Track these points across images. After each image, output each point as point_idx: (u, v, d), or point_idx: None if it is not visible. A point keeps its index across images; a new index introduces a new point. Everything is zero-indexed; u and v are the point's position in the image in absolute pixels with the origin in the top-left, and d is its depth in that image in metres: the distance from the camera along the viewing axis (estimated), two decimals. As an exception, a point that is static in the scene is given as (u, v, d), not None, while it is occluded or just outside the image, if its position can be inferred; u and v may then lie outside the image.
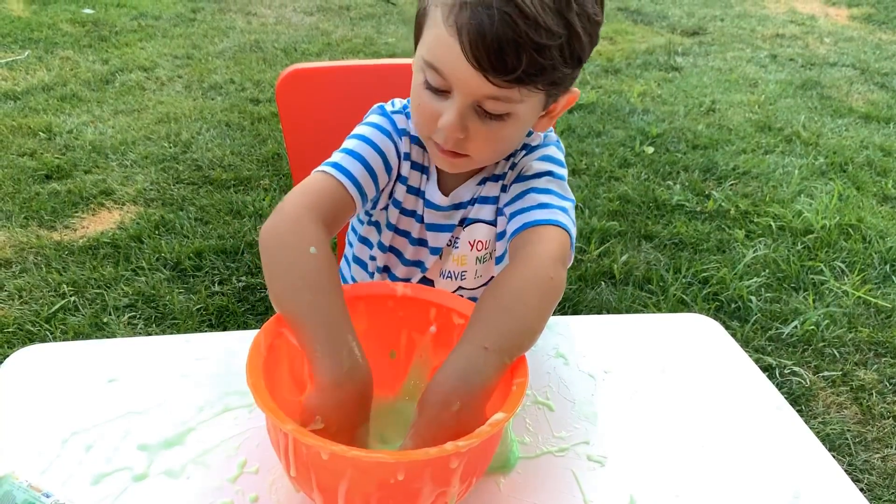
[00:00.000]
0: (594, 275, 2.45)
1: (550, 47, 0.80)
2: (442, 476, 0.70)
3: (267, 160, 3.08)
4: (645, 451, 0.91)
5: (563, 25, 0.80)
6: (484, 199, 1.05)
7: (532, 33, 0.78)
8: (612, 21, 5.44)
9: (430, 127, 0.90)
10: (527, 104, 0.87)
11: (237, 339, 1.01)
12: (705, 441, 0.93)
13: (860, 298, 2.42)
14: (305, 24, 5.04)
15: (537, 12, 0.78)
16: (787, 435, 0.96)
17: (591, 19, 0.83)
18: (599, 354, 1.08)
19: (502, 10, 0.77)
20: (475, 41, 0.79)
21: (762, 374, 1.08)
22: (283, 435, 0.70)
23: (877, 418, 1.99)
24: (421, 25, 0.88)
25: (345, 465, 0.69)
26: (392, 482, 0.68)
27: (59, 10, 4.90)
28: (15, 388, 0.94)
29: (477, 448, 0.70)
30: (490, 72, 0.80)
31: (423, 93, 0.89)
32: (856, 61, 4.81)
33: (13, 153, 3.03)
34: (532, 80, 0.82)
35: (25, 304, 2.19)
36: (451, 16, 0.81)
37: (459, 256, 1.09)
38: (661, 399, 1.00)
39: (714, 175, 3.17)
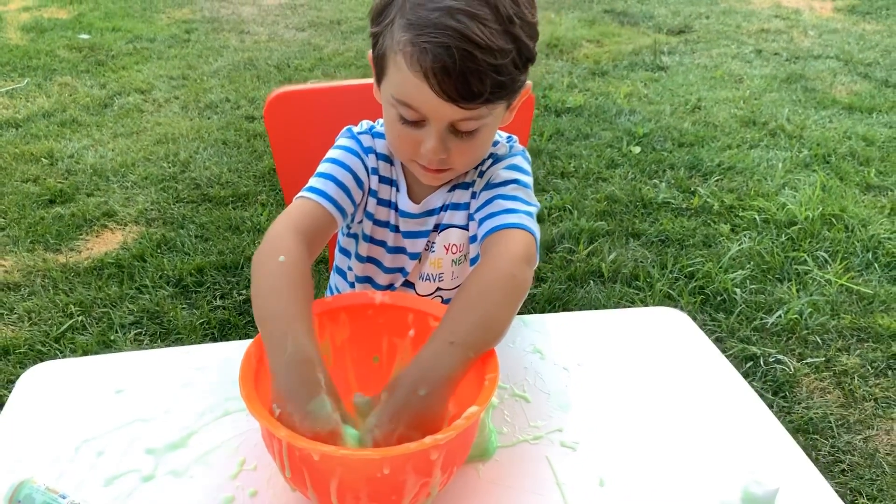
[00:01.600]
0: (583, 274, 2.53)
1: (505, 64, 0.89)
2: (424, 468, 0.77)
3: (263, 176, 3.16)
4: (614, 436, 0.99)
5: (511, 40, 0.89)
6: (455, 205, 1.13)
7: (489, 59, 0.87)
8: (599, 24, 5.52)
9: (412, 153, 1.00)
10: (493, 114, 0.97)
11: (233, 348, 1.09)
12: (670, 426, 1.00)
13: (843, 286, 2.49)
14: (298, 39, 5.13)
15: (488, 39, 0.86)
16: (749, 418, 1.03)
17: (530, 24, 0.93)
18: (573, 349, 1.16)
19: (459, 48, 0.86)
20: (442, 80, 0.88)
21: (727, 362, 1.15)
22: (276, 440, 0.77)
23: (859, 401, 2.06)
24: (382, 66, 0.96)
25: (334, 463, 0.76)
26: (378, 476, 0.75)
27: (56, 37, 5.00)
28: (30, 402, 1.02)
29: (455, 440, 0.78)
30: (460, 101, 0.90)
31: (399, 126, 0.98)
32: (840, 53, 4.88)
33: (17, 179, 3.12)
34: (497, 97, 0.92)
35: (35, 325, 2.27)
36: (414, 62, 0.89)
37: (436, 260, 1.17)
38: (630, 388, 1.07)
39: (700, 172, 3.25)
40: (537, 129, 3.64)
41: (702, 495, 0.89)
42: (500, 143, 1.14)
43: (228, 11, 5.81)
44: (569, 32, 5.26)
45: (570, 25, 5.47)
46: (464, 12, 0.86)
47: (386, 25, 0.93)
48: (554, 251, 2.67)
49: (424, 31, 0.87)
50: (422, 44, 0.87)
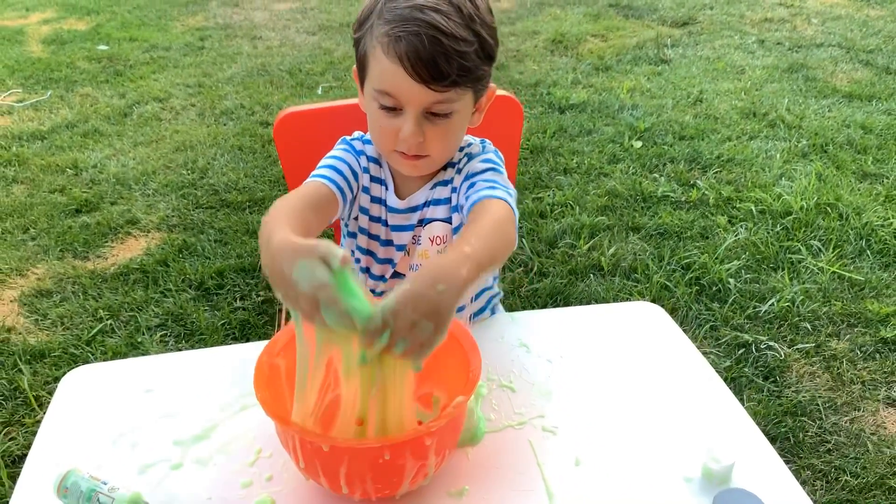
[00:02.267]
0: (584, 268, 2.64)
1: (469, 52, 1.06)
2: (420, 452, 0.90)
3: (278, 180, 3.30)
4: (590, 421, 1.10)
5: (473, 34, 1.06)
6: (437, 201, 1.27)
7: (454, 45, 1.04)
8: (603, 18, 5.59)
9: (392, 142, 1.14)
10: (462, 101, 1.12)
11: (249, 349, 1.22)
12: (641, 410, 1.12)
13: (835, 273, 2.58)
14: (309, 43, 5.26)
15: (453, 29, 1.04)
16: (713, 402, 1.15)
17: (489, 26, 1.10)
18: (557, 342, 1.27)
19: (429, 34, 1.03)
20: (415, 62, 1.04)
21: (697, 351, 1.26)
22: (290, 436, 0.90)
23: (847, 384, 2.15)
24: (364, 66, 1.13)
25: (342, 452, 0.88)
26: (381, 462, 0.88)
27: (76, 49, 5.17)
28: (71, 402, 1.16)
29: (445, 427, 0.90)
30: (431, 82, 1.05)
31: (380, 117, 1.13)
32: (842, 40, 4.92)
33: (45, 190, 3.28)
34: (462, 79, 1.08)
35: (67, 329, 2.42)
36: (390, 49, 1.05)
37: (423, 251, 1.31)
38: (606, 377, 1.19)
39: (699, 164, 3.34)
40: (540, 126, 3.74)
41: (667, 472, 1.01)
42: (474, 144, 1.29)
43: (241, 17, 5.95)
44: (574, 28, 5.34)
45: (576, 20, 5.54)
46: (432, 8, 1.03)
47: (366, 30, 1.10)
48: (556, 246, 2.78)
49: (398, 23, 1.04)
50: (396, 34, 1.04)
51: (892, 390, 2.13)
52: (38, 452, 1.06)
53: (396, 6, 1.05)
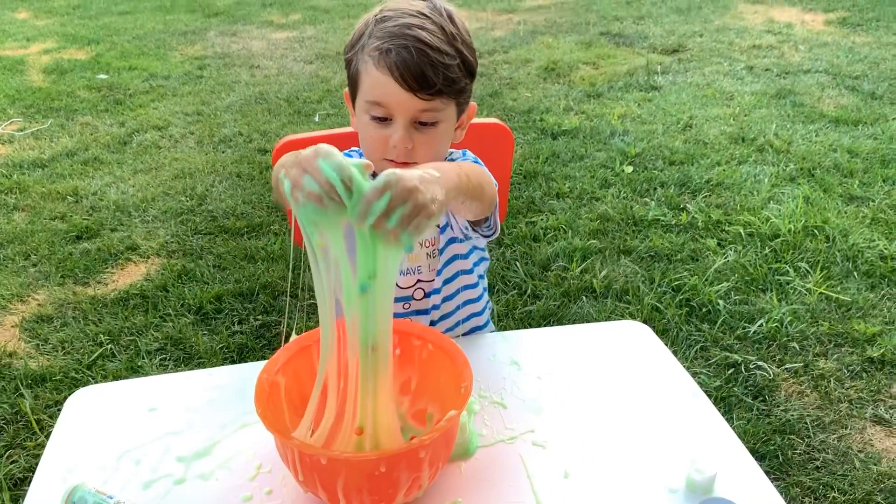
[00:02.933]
0: (576, 290, 2.69)
1: (452, 66, 1.17)
2: (414, 464, 0.94)
3: (275, 207, 3.35)
4: (578, 436, 1.14)
5: (455, 51, 1.18)
6: None
7: (439, 58, 1.15)
8: (595, 46, 5.70)
9: (383, 150, 1.22)
10: (447, 112, 1.21)
11: (249, 369, 1.26)
12: (627, 424, 1.16)
13: (822, 294, 2.63)
14: (306, 72, 5.35)
15: (438, 44, 1.15)
16: (696, 416, 1.19)
17: (469, 46, 1.22)
18: (547, 360, 1.32)
19: (416, 47, 1.14)
20: (404, 72, 1.14)
21: (682, 369, 1.30)
22: (289, 450, 0.94)
23: (834, 403, 2.19)
24: (356, 83, 1.22)
25: (340, 465, 0.92)
26: (377, 474, 0.92)
27: (76, 78, 5.25)
28: (77, 420, 1.20)
29: (438, 440, 0.94)
30: (419, 91, 1.15)
31: (371, 128, 1.22)
32: (829, 66, 5.02)
33: (45, 217, 3.33)
34: (448, 89, 1.18)
35: (68, 353, 2.46)
36: (380, 61, 1.15)
37: (413, 255, 1.38)
38: (594, 393, 1.23)
39: (689, 189, 3.40)
40: (533, 152, 3.81)
41: (652, 483, 1.05)
42: (455, 153, 1.37)
43: (239, 46, 6.04)
44: (566, 56, 5.44)
45: (568, 49, 5.65)
46: (418, 27, 1.15)
47: (357, 49, 1.21)
48: (549, 269, 2.83)
49: (388, 39, 1.15)
50: (386, 47, 1.15)
51: (878, 409, 2.17)
52: (46, 469, 1.10)
53: (385, 26, 1.16)
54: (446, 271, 1.40)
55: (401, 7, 1.19)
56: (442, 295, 1.42)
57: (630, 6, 6.99)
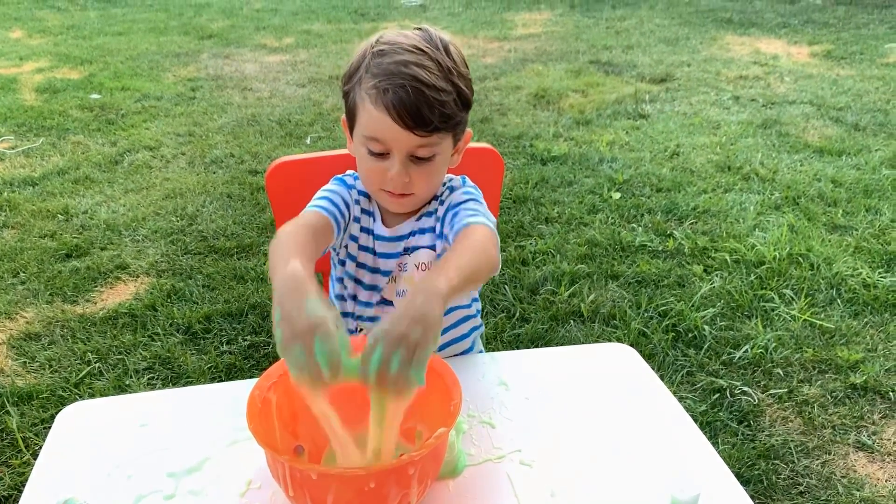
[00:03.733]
0: (564, 314, 2.71)
1: (448, 101, 1.18)
2: (403, 481, 0.94)
3: (266, 227, 3.37)
4: (565, 455, 1.16)
5: (451, 85, 1.19)
6: (422, 230, 1.37)
7: (435, 95, 1.16)
8: (584, 74, 5.78)
9: (380, 181, 1.25)
10: (443, 145, 1.24)
11: (239, 386, 1.27)
12: (613, 444, 1.18)
13: (807, 321, 2.67)
14: (298, 95, 5.39)
15: (434, 81, 1.16)
16: (680, 436, 1.21)
17: (465, 77, 1.24)
18: (535, 381, 1.34)
19: (413, 87, 1.15)
20: (401, 111, 1.16)
21: (667, 390, 1.32)
22: (280, 465, 0.94)
23: (818, 429, 2.22)
24: (353, 115, 1.24)
25: (330, 480, 0.93)
26: (366, 489, 0.92)
27: (69, 98, 5.27)
28: (68, 435, 1.20)
29: (427, 457, 0.95)
30: (415, 129, 1.17)
31: (368, 160, 1.24)
32: (813, 98, 5.12)
33: (35, 235, 3.33)
34: (443, 126, 1.20)
35: (55, 372, 2.45)
36: (378, 100, 1.17)
37: (408, 277, 1.40)
38: (581, 413, 1.25)
39: (676, 215, 3.45)
40: (523, 177, 3.86)
41: (636, 503, 1.07)
42: (455, 179, 1.40)
43: (232, 69, 6.09)
44: (555, 83, 5.52)
45: (557, 76, 5.73)
46: (415, 63, 1.16)
47: (355, 83, 1.22)
48: (537, 293, 2.86)
49: (385, 77, 1.16)
50: (384, 86, 1.16)
51: (861, 435, 2.19)
52: (36, 484, 1.10)
53: (382, 62, 1.17)
54: None
55: (397, 41, 1.20)
56: None
57: (619, 36, 7.11)
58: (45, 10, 8.66)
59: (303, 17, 8.11)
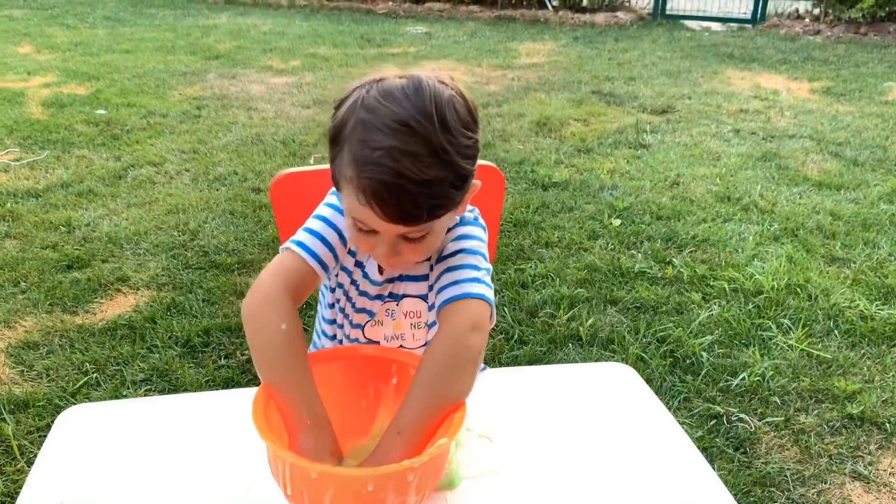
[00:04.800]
0: (563, 338, 2.72)
1: (439, 191, 1.02)
2: (401, 487, 0.94)
3: (267, 244, 3.38)
4: (563, 471, 1.16)
5: (444, 166, 1.01)
6: (412, 277, 1.29)
7: (423, 189, 1.00)
8: (586, 104, 5.84)
9: (369, 251, 1.15)
10: (438, 222, 1.09)
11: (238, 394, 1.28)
12: (611, 460, 1.18)
13: (804, 351, 2.68)
14: (303, 116, 5.44)
15: (420, 171, 0.99)
16: (678, 455, 1.21)
17: (464, 146, 1.04)
18: (534, 397, 1.34)
19: (394, 183, 0.99)
20: (385, 210, 1.01)
21: (666, 410, 1.33)
22: (280, 461, 0.94)
23: (814, 457, 2.22)
24: (338, 182, 1.09)
25: (328, 480, 0.93)
26: (364, 493, 0.92)
27: (75, 112, 5.31)
28: (67, 439, 1.20)
29: (427, 464, 0.95)
30: (402, 224, 1.04)
31: (355, 231, 1.11)
32: (813, 132, 5.17)
33: (37, 246, 3.34)
34: (435, 215, 1.05)
35: (52, 381, 2.45)
36: (359, 193, 1.02)
37: (397, 323, 1.35)
38: (579, 431, 1.25)
39: (675, 244, 3.47)
40: (524, 202, 3.88)
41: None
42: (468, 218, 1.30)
43: (237, 89, 6.15)
44: (557, 112, 5.57)
45: (560, 105, 5.79)
46: (399, 150, 0.98)
47: (338, 151, 1.06)
48: (536, 316, 2.86)
49: (365, 168, 0.99)
50: (363, 179, 1.00)
51: (857, 465, 2.19)
52: (33, 487, 1.10)
53: (365, 142, 1.00)
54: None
55: (383, 111, 1.01)
56: None
57: (621, 67, 7.19)
58: (55, 26, 8.76)
59: (309, 40, 8.21)
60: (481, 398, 1.33)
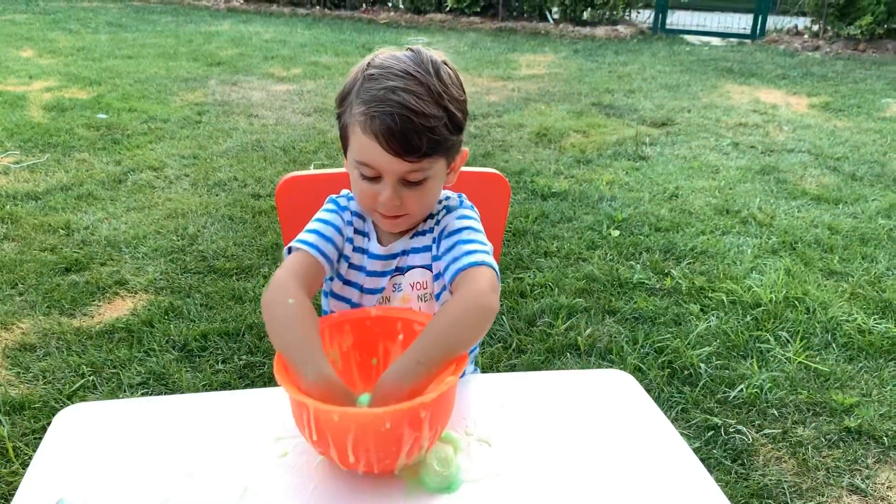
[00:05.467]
0: (561, 347, 2.72)
1: (437, 127, 1.18)
2: (415, 423, 1.00)
3: (266, 250, 3.38)
4: (562, 477, 1.16)
5: (441, 110, 1.19)
6: (416, 249, 1.38)
7: (423, 122, 1.16)
8: (586, 115, 5.86)
9: (373, 203, 1.27)
10: (436, 167, 1.25)
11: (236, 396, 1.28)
12: (610, 467, 1.18)
13: (802, 364, 2.68)
14: (303, 124, 5.45)
15: (422, 107, 1.16)
16: (677, 463, 1.21)
17: (458, 100, 1.23)
18: (534, 403, 1.34)
19: (400, 114, 1.15)
20: (389, 139, 1.16)
21: (664, 417, 1.33)
22: (304, 408, 0.99)
23: (812, 470, 2.21)
24: (346, 138, 1.26)
25: (349, 421, 0.99)
26: (382, 430, 0.98)
27: (76, 116, 5.32)
28: (65, 438, 1.20)
29: (437, 400, 1.01)
30: (404, 155, 1.18)
31: (361, 183, 1.26)
32: (811, 147, 5.19)
33: (36, 249, 3.34)
34: (433, 152, 1.20)
35: (49, 383, 2.44)
36: (366, 127, 1.18)
37: (404, 297, 1.40)
38: (578, 437, 1.25)
39: (674, 255, 3.47)
40: (523, 211, 3.89)
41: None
42: (452, 198, 1.41)
43: (239, 96, 6.16)
44: (557, 123, 5.59)
45: (560, 116, 5.81)
46: (403, 89, 1.16)
47: (346, 106, 1.24)
48: (534, 325, 2.86)
49: (373, 104, 1.17)
50: (371, 113, 1.17)
51: (855, 478, 2.19)
52: (30, 486, 1.10)
53: (371, 87, 1.18)
54: None
55: (387, 65, 1.20)
56: None
57: (621, 80, 7.22)
58: (57, 31, 8.78)
59: (311, 49, 8.24)
60: (480, 403, 1.33)
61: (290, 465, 1.12)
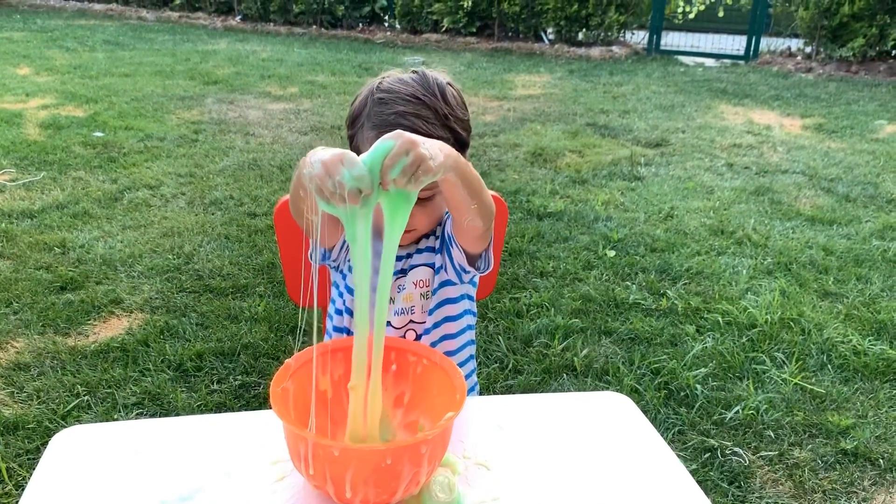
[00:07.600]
0: (557, 368, 2.71)
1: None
2: (415, 459, 1.00)
3: (262, 269, 3.38)
4: (563, 499, 1.16)
5: (447, 132, 1.28)
6: (420, 250, 1.45)
7: None
8: (581, 136, 5.89)
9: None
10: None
11: (232, 419, 1.28)
12: (610, 492, 1.18)
13: (798, 385, 2.68)
14: (300, 142, 5.46)
15: (430, 131, 1.25)
16: (675, 486, 1.21)
17: (462, 120, 1.33)
18: (531, 426, 1.34)
19: None
20: None
21: (661, 439, 1.33)
22: (302, 442, 0.98)
23: (808, 492, 2.21)
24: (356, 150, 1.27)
25: (350, 456, 0.99)
26: (383, 466, 0.98)
27: (72, 134, 5.32)
28: (61, 460, 1.19)
29: (437, 437, 1.02)
30: None
31: None
32: (805, 168, 5.23)
33: (31, 267, 3.33)
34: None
35: (43, 403, 2.43)
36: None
37: (407, 295, 1.44)
38: (576, 459, 1.25)
39: (669, 275, 3.48)
40: (519, 231, 3.90)
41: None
42: None
43: (235, 114, 6.18)
44: (553, 143, 5.62)
45: (555, 136, 5.84)
46: (412, 114, 1.25)
47: (358, 128, 1.32)
48: (531, 345, 2.86)
49: (384, 128, 1.18)
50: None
51: (851, 501, 2.18)
52: (27, 505, 1.09)
53: (382, 111, 1.26)
54: (437, 314, 1.45)
55: (396, 89, 1.28)
56: (431, 337, 1.47)
57: (616, 101, 7.27)
58: (54, 49, 8.81)
59: (308, 68, 8.28)
60: (478, 425, 1.33)
61: (286, 489, 1.12)
